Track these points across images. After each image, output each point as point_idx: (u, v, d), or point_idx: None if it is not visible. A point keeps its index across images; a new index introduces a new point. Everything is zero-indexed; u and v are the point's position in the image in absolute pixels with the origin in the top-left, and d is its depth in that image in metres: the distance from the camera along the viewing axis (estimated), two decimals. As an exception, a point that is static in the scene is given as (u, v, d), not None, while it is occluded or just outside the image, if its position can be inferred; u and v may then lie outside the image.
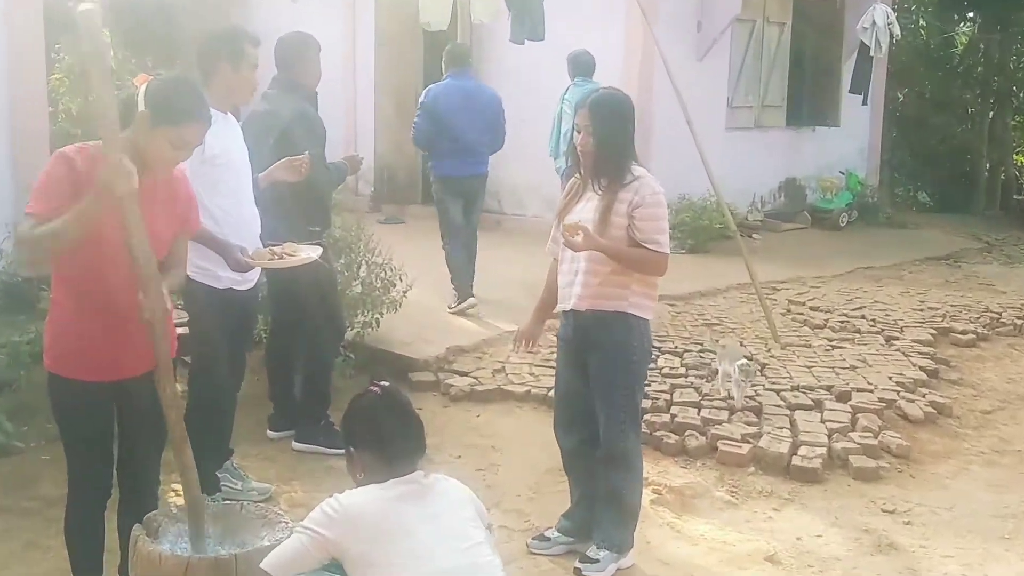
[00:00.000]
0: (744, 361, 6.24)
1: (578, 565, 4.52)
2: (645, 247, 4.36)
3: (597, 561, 4.51)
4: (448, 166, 8.27)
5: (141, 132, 3.51)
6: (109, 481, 3.83)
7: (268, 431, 5.98)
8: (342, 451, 3.51)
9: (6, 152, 6.98)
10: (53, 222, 3.35)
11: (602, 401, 4.52)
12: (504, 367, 6.90)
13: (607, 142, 4.38)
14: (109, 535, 3.93)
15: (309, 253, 4.92)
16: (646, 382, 5.03)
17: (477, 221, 8.70)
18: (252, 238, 4.90)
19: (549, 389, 6.33)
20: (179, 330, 3.88)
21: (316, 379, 5.92)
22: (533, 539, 4.79)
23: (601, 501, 4.58)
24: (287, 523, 3.65)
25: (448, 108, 8.14)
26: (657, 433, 5.92)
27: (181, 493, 5.00)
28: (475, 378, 6.72)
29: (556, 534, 4.75)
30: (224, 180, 4.77)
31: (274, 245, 4.89)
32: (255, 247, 4.84)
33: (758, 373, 6.65)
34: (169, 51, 11.61)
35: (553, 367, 5.84)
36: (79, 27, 3.33)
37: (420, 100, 8.47)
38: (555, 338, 4.82)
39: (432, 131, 8.18)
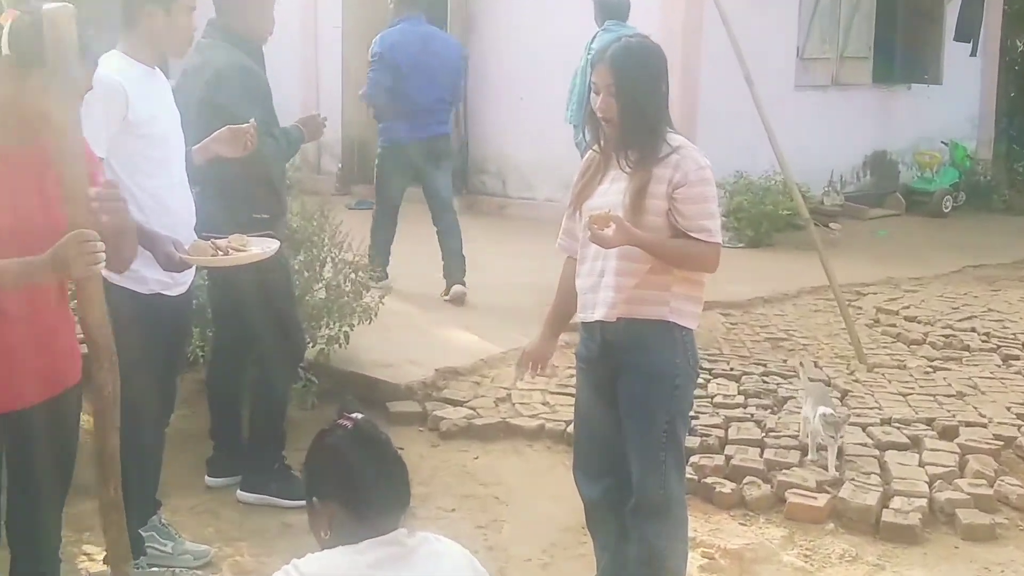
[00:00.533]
0: (828, 411, 5.93)
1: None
2: (692, 236, 4.35)
3: None
4: (403, 129, 8.72)
5: (7, 82, 3.53)
6: None
7: (207, 477, 5.97)
8: (302, 503, 3.45)
9: None
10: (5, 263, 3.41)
11: (636, 437, 4.47)
12: (510, 395, 6.90)
13: (635, 105, 4.32)
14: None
15: (263, 247, 4.92)
16: (692, 413, 5.02)
17: (451, 194, 9.14)
18: (186, 228, 4.89)
19: (568, 423, 6.34)
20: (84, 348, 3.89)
21: (268, 411, 5.90)
22: None
23: (635, 567, 4.57)
24: (232, 595, 3.69)
25: (408, 59, 8.60)
26: (708, 480, 5.88)
27: (92, 556, 5.05)
28: (472, 409, 6.70)
29: None
30: (151, 154, 4.79)
31: (216, 237, 4.87)
32: (190, 239, 4.83)
33: (847, 423, 6.27)
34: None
35: (572, 394, 5.85)
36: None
37: (372, 50, 8.83)
38: (574, 357, 4.81)
39: (392, 87, 8.60)
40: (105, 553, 4.97)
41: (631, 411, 4.48)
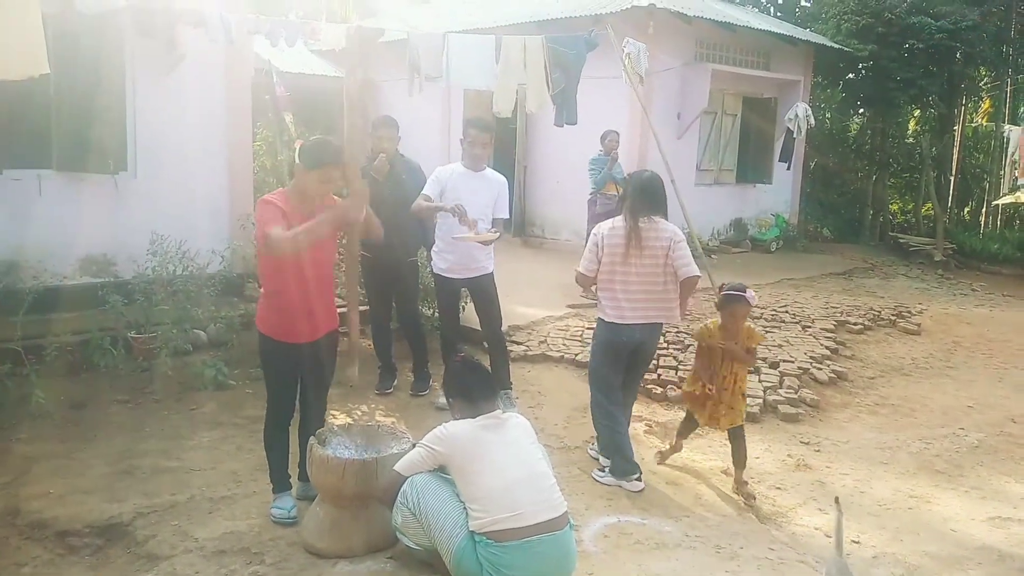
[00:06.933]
0: None
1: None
2: None
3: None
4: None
5: (299, 177, 3.57)
6: (293, 408, 3.88)
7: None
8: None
9: (226, 191, 7.10)
10: (305, 225, 3.42)
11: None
12: (546, 339, 6.86)
13: None
14: (292, 444, 3.96)
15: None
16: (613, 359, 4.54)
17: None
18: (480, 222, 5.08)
19: (576, 355, 6.34)
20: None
21: (421, 346, 5.77)
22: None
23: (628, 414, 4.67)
24: (408, 439, 3.71)
25: None
26: (648, 386, 5.87)
27: (336, 416, 5.10)
28: (527, 346, 6.68)
29: None
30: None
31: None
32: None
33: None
34: (328, 125, 11.76)
35: (580, 343, 5.81)
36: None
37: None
38: (583, 328, 4.75)
39: None
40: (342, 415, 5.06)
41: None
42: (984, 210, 17.22)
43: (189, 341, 5.73)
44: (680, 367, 6.25)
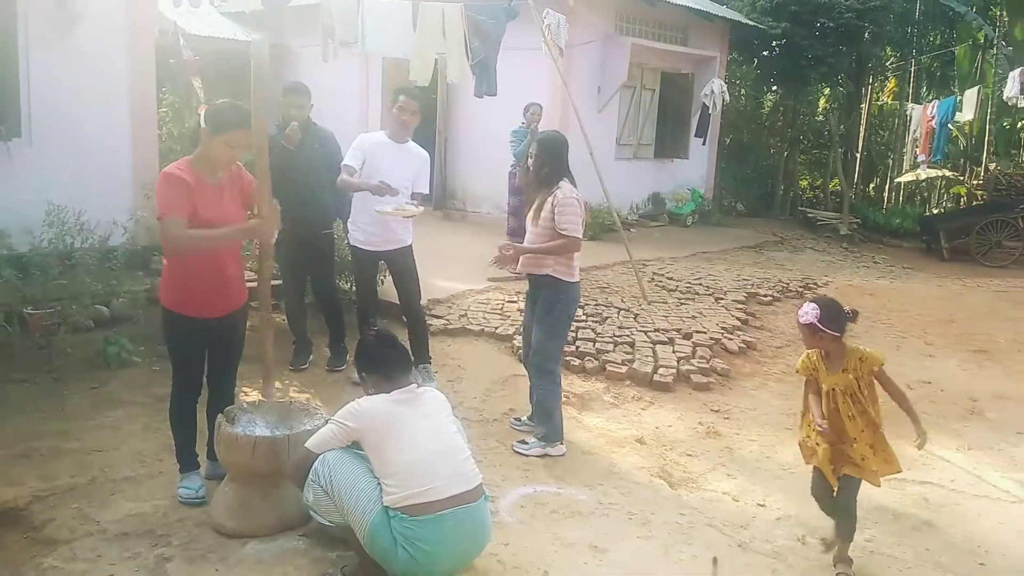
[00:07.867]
0: None
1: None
2: (561, 233, 4.31)
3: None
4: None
5: (205, 143, 3.42)
6: (200, 384, 3.76)
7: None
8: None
9: (129, 159, 6.78)
10: (212, 231, 3.36)
11: (536, 330, 4.50)
12: (467, 313, 6.84)
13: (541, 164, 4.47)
14: (200, 422, 3.84)
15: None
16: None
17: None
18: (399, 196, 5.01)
19: (496, 328, 6.33)
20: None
21: (338, 319, 5.70)
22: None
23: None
24: (322, 415, 3.63)
25: None
26: (567, 358, 5.88)
27: (248, 393, 4.96)
28: (447, 320, 6.65)
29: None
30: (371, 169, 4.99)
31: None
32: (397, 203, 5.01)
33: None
34: (240, 91, 11.31)
35: (500, 316, 5.78)
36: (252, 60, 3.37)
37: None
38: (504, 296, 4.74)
39: None
40: (254, 390, 4.94)
41: (538, 317, 4.49)
42: (887, 186, 18.01)
43: (90, 317, 5.46)
44: (597, 339, 6.32)
